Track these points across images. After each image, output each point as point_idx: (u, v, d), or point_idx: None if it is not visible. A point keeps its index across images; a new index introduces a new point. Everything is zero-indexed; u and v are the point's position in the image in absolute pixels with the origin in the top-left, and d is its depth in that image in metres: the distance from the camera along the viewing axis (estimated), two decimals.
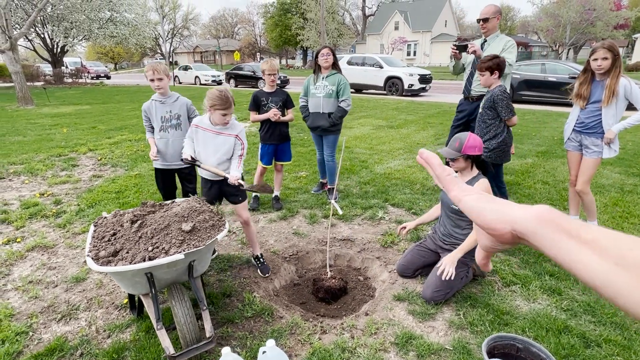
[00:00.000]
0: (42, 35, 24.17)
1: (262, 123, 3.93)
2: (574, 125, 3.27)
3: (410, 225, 2.87)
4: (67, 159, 6.13)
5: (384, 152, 6.40)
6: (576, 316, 2.33)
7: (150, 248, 1.97)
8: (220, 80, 24.03)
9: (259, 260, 2.95)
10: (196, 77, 24.73)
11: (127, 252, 1.97)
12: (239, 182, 2.50)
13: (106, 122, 9.67)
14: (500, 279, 2.72)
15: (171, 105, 3.05)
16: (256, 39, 63.58)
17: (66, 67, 28.01)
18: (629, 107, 3.03)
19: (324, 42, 31.51)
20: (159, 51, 56.18)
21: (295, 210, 4.01)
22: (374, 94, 16.31)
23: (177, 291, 2.08)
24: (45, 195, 4.53)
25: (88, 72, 30.03)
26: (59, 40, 23.30)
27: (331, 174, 4.29)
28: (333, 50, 3.99)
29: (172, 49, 56.56)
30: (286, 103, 3.93)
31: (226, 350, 1.72)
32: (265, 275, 2.86)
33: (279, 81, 20.44)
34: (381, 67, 15.71)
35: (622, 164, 5.52)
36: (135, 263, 1.88)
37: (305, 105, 4.18)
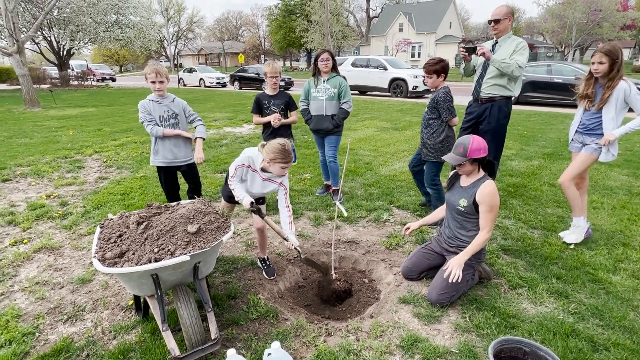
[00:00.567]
0: (49, 39, 24.38)
1: (265, 126, 3.95)
2: (577, 127, 3.25)
3: (414, 226, 2.86)
4: (73, 160, 6.18)
5: (388, 154, 6.38)
6: (584, 319, 2.30)
7: (156, 250, 1.98)
8: (225, 83, 24.14)
9: (265, 263, 2.95)
10: (201, 79, 24.87)
11: (133, 254, 1.98)
12: (296, 248, 2.51)
13: (112, 124, 9.74)
14: (507, 282, 2.70)
15: (168, 105, 3.16)
16: (260, 41, 63.84)
17: (72, 69, 28.23)
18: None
19: (328, 44, 31.55)
20: (163, 53, 56.58)
21: (300, 212, 4.01)
22: (378, 95, 16.31)
23: (182, 293, 2.09)
24: (52, 197, 4.56)
25: (94, 74, 30.24)
26: (66, 43, 23.51)
27: (334, 174, 4.29)
28: (332, 54, 4.02)
29: (176, 52, 56.97)
30: (289, 105, 3.94)
31: (231, 352, 1.72)
32: (270, 277, 2.86)
33: (282, 83, 20.39)
34: (385, 68, 15.71)
35: (630, 166, 5.48)
36: (141, 264, 1.89)
37: (306, 108, 4.19)
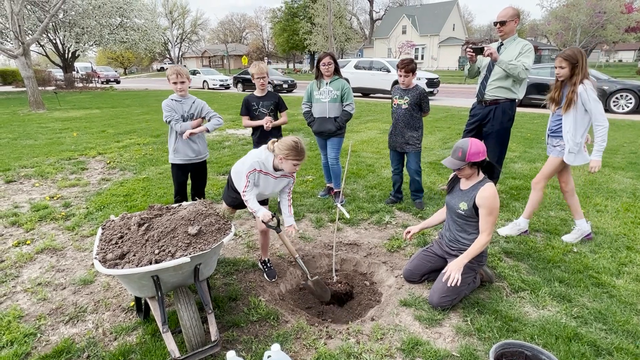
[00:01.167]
0: (54, 41, 24.57)
1: (255, 128, 3.90)
2: (547, 130, 3.34)
3: (415, 230, 2.85)
4: (77, 162, 6.21)
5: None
6: (587, 323, 2.29)
7: (157, 251, 1.98)
8: (228, 85, 24.22)
9: (266, 265, 2.95)
10: (204, 81, 24.95)
11: (134, 255, 1.98)
12: (303, 269, 2.71)
13: (115, 126, 9.79)
14: (509, 285, 2.68)
15: (190, 105, 3.32)
16: (264, 43, 64.06)
17: (77, 71, 28.42)
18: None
19: (331, 47, 31.61)
20: (167, 56, 56.88)
21: (302, 214, 4.01)
22: (381, 98, 16.30)
23: (183, 294, 2.09)
24: (55, 198, 4.59)
25: (98, 76, 30.43)
26: (71, 45, 23.68)
27: (336, 176, 4.28)
28: (334, 58, 4.02)
29: (180, 54, 57.29)
30: (278, 106, 3.90)
31: (231, 354, 1.71)
32: (271, 279, 2.86)
33: (285, 85, 20.37)
34: (388, 71, 15.69)
35: (634, 169, 5.44)
36: (141, 266, 1.89)
37: (309, 110, 4.19)
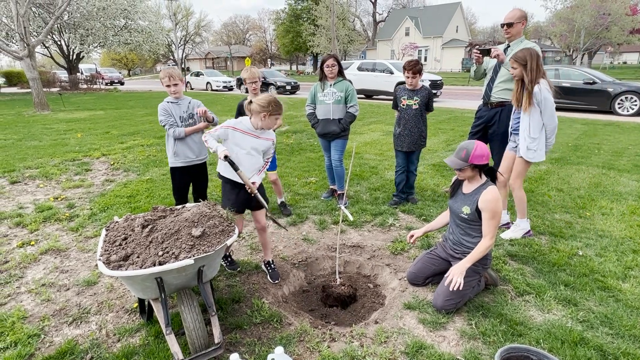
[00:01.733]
0: (59, 43, 24.76)
1: None
2: (510, 129, 3.48)
3: (418, 233, 2.84)
4: (81, 163, 6.24)
5: (394, 158, 6.33)
6: (593, 328, 2.26)
7: (161, 253, 1.98)
8: (232, 86, 24.28)
9: (270, 266, 2.94)
10: (207, 83, 25.04)
11: (138, 257, 1.98)
12: (255, 194, 2.54)
13: (119, 128, 9.83)
14: (514, 289, 2.66)
15: (187, 105, 3.31)
16: (267, 45, 64.24)
17: (81, 73, 28.60)
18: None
19: (334, 49, 31.61)
20: (171, 57, 57.11)
21: (305, 216, 4.00)
22: (384, 99, 16.29)
23: (186, 296, 2.08)
24: (59, 199, 4.61)
25: (102, 78, 30.62)
26: (75, 47, 23.87)
27: (340, 178, 4.28)
28: (338, 59, 4.02)
29: (184, 55, 57.43)
30: None
31: (234, 356, 1.71)
32: (275, 281, 2.85)
33: (288, 87, 20.40)
34: (392, 72, 15.70)
35: (639, 172, 5.40)
36: (145, 268, 1.89)
37: (313, 112, 4.19)
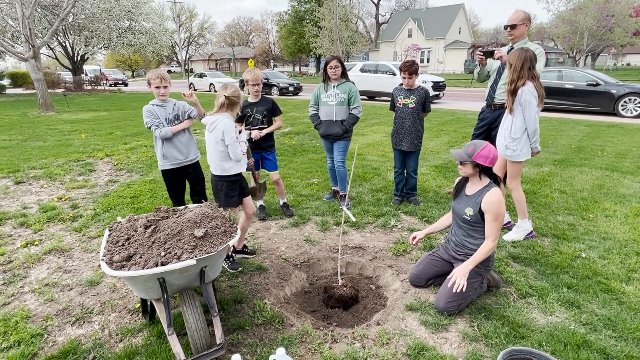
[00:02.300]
0: (64, 44, 24.93)
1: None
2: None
3: (420, 235, 2.83)
4: (85, 164, 6.27)
5: None
6: (596, 330, 2.25)
7: (163, 253, 1.99)
8: None
9: (234, 255, 3.14)
10: (211, 84, 25.08)
11: (141, 257, 1.99)
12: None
13: (123, 128, 9.88)
14: (516, 291, 2.65)
15: (172, 107, 3.32)
16: (270, 46, 64.39)
17: (86, 74, 28.78)
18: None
19: (337, 50, 31.65)
20: (175, 59, 57.37)
21: (307, 217, 4.00)
22: (386, 101, 16.28)
23: (188, 297, 2.09)
24: (63, 199, 4.63)
25: (106, 79, 30.79)
26: (80, 48, 24.02)
27: (342, 180, 4.28)
28: (341, 61, 4.02)
29: (187, 57, 57.71)
30: (273, 111, 3.91)
31: (236, 357, 1.71)
32: (232, 271, 2.99)
33: (291, 88, 20.42)
34: (394, 74, 15.68)
35: None
36: (148, 268, 1.90)
37: (316, 113, 4.20)
